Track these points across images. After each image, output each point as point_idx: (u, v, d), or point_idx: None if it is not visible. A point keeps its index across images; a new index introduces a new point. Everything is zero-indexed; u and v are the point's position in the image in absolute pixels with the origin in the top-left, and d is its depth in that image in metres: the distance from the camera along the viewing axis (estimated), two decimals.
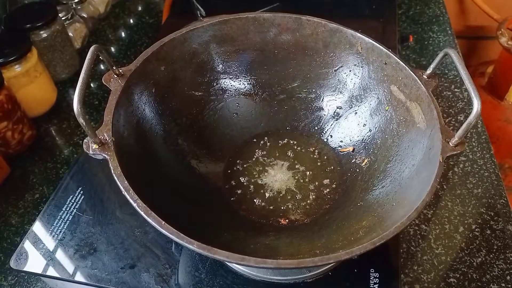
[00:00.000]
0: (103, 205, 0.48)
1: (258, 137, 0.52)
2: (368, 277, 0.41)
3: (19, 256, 0.44)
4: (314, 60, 0.50)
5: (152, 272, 0.43)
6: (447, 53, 0.39)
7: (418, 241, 0.48)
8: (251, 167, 0.49)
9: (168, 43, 0.45)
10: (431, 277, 0.45)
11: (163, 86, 0.46)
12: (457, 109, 0.63)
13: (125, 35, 0.80)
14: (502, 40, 0.88)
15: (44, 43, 0.64)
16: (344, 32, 0.46)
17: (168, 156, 0.45)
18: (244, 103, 0.52)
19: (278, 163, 0.50)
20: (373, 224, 0.37)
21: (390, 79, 0.45)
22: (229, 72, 0.51)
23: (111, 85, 0.40)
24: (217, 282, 0.42)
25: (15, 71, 0.58)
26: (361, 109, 0.49)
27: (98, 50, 0.38)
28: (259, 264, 0.30)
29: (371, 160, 0.46)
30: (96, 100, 0.67)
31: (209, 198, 0.46)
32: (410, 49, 0.73)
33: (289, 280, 0.42)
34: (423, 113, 0.40)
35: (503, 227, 0.49)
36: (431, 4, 0.83)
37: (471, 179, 0.54)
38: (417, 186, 0.36)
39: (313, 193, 0.47)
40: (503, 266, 0.45)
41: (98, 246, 0.45)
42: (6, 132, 0.55)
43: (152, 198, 0.34)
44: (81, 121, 0.33)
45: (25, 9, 0.65)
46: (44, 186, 0.56)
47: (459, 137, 0.36)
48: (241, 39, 0.49)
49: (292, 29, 0.48)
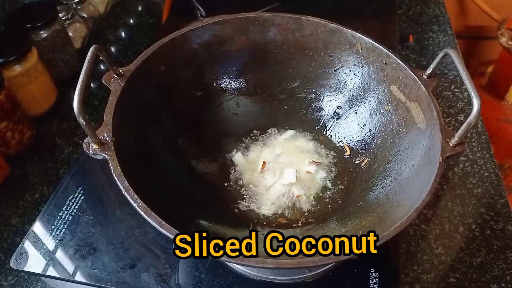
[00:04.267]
0: (103, 205, 0.48)
1: (258, 137, 0.52)
2: (368, 277, 0.41)
3: (19, 256, 0.44)
4: (314, 60, 0.50)
5: (152, 272, 0.43)
6: (447, 53, 0.39)
7: (418, 241, 0.48)
8: (251, 167, 0.49)
9: (168, 43, 0.45)
10: (431, 277, 0.45)
11: (163, 86, 0.46)
12: (457, 109, 0.63)
13: (125, 35, 0.80)
14: (502, 40, 0.88)
15: (44, 43, 0.64)
16: (344, 32, 0.46)
17: (168, 156, 0.45)
18: (244, 103, 0.52)
19: (278, 163, 0.49)
20: (373, 224, 0.37)
21: (390, 79, 0.45)
22: (229, 72, 0.51)
23: (111, 85, 0.40)
24: (217, 282, 0.42)
25: (15, 71, 0.58)
26: (361, 109, 0.49)
27: (98, 50, 0.38)
28: (259, 264, 0.30)
29: (371, 160, 0.46)
30: (96, 100, 0.67)
31: (209, 198, 0.46)
32: (410, 49, 0.73)
33: (289, 280, 0.42)
34: (423, 113, 0.40)
35: (503, 227, 0.49)
36: (431, 4, 0.83)
37: (471, 179, 0.54)
38: (417, 186, 0.36)
39: (313, 193, 0.47)
40: (503, 266, 0.45)
41: (98, 246, 0.45)
42: (6, 132, 0.55)
43: (152, 198, 0.34)
44: (81, 121, 0.33)
45: (25, 9, 0.65)
46: (44, 186, 0.56)
47: (459, 137, 0.36)
48: (241, 39, 0.49)
49: (292, 29, 0.48)
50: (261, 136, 0.52)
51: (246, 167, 0.49)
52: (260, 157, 0.50)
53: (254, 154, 0.50)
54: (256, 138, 0.52)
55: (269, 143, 0.52)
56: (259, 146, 0.51)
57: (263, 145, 0.51)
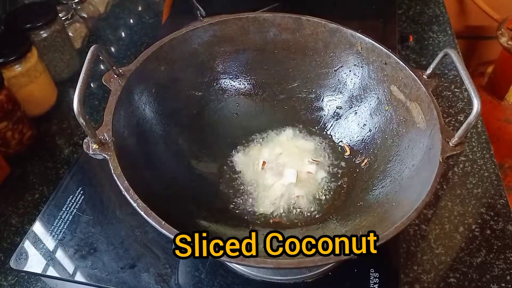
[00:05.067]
0: (103, 205, 0.48)
1: (258, 137, 0.52)
2: (368, 277, 0.41)
3: (19, 256, 0.44)
4: (314, 60, 0.50)
5: (152, 272, 0.43)
6: (447, 53, 0.39)
7: (418, 241, 0.48)
8: (251, 167, 0.49)
9: (168, 43, 0.45)
10: (431, 277, 0.45)
11: (163, 86, 0.46)
12: (457, 109, 0.63)
13: (125, 35, 0.80)
14: (502, 40, 0.88)
15: (44, 43, 0.64)
16: (344, 32, 0.46)
17: (168, 156, 0.45)
18: (244, 103, 0.52)
19: (278, 163, 0.49)
20: (373, 224, 0.37)
21: (390, 79, 0.45)
22: (229, 72, 0.51)
23: (111, 85, 0.40)
24: (217, 282, 0.42)
25: (15, 71, 0.58)
26: (361, 109, 0.49)
27: (98, 50, 0.38)
28: (259, 264, 0.30)
29: (371, 160, 0.46)
30: (96, 100, 0.67)
31: (209, 198, 0.46)
32: (410, 49, 0.73)
33: (289, 280, 0.42)
34: (423, 113, 0.40)
35: (503, 227, 0.49)
36: (431, 4, 0.83)
37: (471, 179, 0.54)
38: (417, 186, 0.36)
39: (313, 193, 0.47)
40: (503, 266, 0.45)
41: (98, 246, 0.45)
42: (6, 132, 0.55)
43: (152, 198, 0.34)
44: (81, 121, 0.33)
45: (25, 9, 0.65)
46: (44, 186, 0.56)
47: (459, 137, 0.36)
48: (241, 39, 0.49)
49: (292, 29, 0.48)
50: (261, 136, 0.52)
51: (246, 167, 0.49)
52: (260, 157, 0.50)
53: (254, 154, 0.50)
54: (256, 138, 0.52)
55: (269, 143, 0.51)
56: (259, 146, 0.51)
57: (263, 145, 0.51)
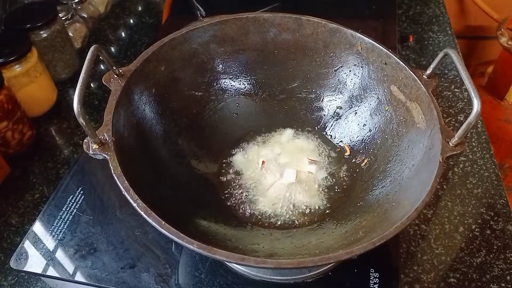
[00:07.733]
0: (103, 205, 0.48)
1: (258, 137, 0.52)
2: (368, 277, 0.41)
3: (19, 256, 0.44)
4: (314, 60, 0.50)
5: (152, 272, 0.43)
6: (447, 53, 0.39)
7: (418, 241, 0.48)
8: (251, 167, 0.49)
9: (168, 43, 0.45)
10: (431, 277, 0.45)
11: (163, 86, 0.46)
12: (457, 109, 0.63)
13: (125, 35, 0.80)
14: (502, 40, 0.88)
15: (44, 43, 0.64)
16: (344, 32, 0.46)
17: (168, 156, 0.45)
18: (244, 103, 0.52)
19: (278, 163, 0.49)
20: (373, 224, 0.37)
21: (390, 79, 0.45)
22: (229, 72, 0.51)
23: (111, 85, 0.40)
24: (217, 282, 0.42)
25: (15, 71, 0.58)
26: (361, 109, 0.49)
27: (98, 50, 0.38)
28: (259, 264, 0.30)
29: (371, 160, 0.46)
30: (96, 100, 0.67)
31: (209, 198, 0.46)
32: (410, 49, 0.73)
33: (289, 280, 0.42)
34: (423, 113, 0.40)
35: (503, 227, 0.49)
36: (431, 4, 0.83)
37: (471, 179, 0.54)
38: (417, 186, 0.36)
39: (313, 193, 0.47)
40: (503, 266, 0.45)
41: (98, 246, 0.45)
42: (6, 132, 0.55)
43: (152, 198, 0.34)
44: (81, 121, 0.33)
45: (25, 9, 0.65)
46: (44, 186, 0.56)
47: (459, 137, 0.36)
48: (241, 39, 0.49)
49: (292, 29, 0.48)
50: (261, 136, 0.52)
51: (246, 167, 0.49)
52: (260, 157, 0.50)
53: (254, 154, 0.50)
54: (256, 138, 0.52)
55: (269, 143, 0.51)
56: (259, 146, 0.51)
57: (263, 145, 0.51)
